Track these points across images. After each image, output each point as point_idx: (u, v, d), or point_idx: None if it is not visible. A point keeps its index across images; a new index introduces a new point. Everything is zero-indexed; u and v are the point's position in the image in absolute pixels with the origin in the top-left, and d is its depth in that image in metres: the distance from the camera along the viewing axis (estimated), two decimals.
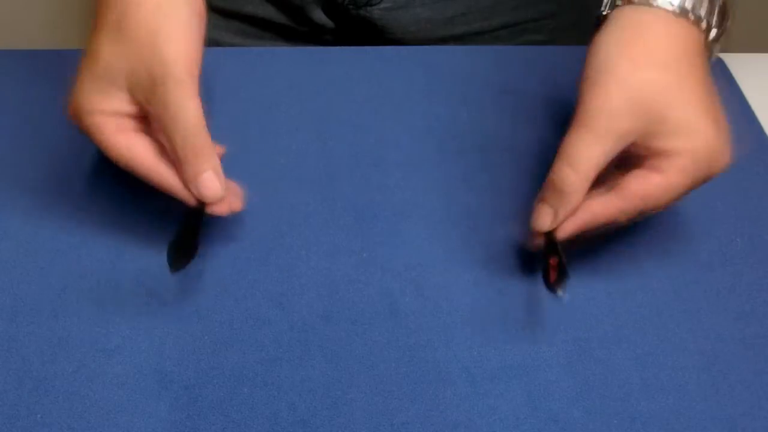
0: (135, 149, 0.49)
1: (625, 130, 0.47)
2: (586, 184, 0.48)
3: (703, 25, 0.50)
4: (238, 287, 0.52)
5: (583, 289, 0.52)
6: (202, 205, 0.50)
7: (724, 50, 0.70)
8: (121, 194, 0.56)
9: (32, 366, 0.47)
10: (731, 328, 0.51)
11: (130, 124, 0.50)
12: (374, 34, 0.74)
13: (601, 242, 0.55)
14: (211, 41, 0.54)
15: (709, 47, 0.51)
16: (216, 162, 0.49)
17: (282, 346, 0.49)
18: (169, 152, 0.49)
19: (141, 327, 0.49)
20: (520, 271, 0.53)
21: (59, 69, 0.65)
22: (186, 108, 0.47)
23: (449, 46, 0.71)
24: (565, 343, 0.50)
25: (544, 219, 0.49)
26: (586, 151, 0.47)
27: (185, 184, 0.49)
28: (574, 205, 0.48)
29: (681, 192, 0.48)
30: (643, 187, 0.48)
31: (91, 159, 0.58)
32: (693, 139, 0.47)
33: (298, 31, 0.76)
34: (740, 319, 0.51)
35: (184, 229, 0.49)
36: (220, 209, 0.50)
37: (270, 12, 0.75)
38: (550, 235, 0.50)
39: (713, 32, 0.51)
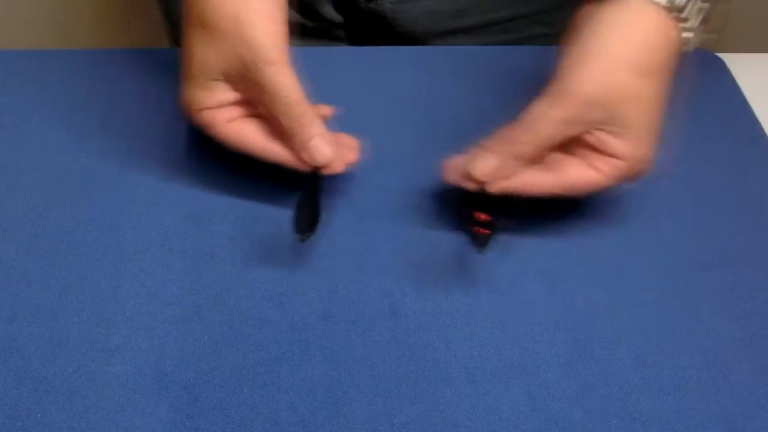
0: (246, 136, 0.53)
1: (592, 119, 0.50)
2: (538, 151, 0.50)
3: (682, 28, 0.51)
4: (238, 287, 0.52)
5: (583, 289, 0.52)
6: (318, 169, 0.52)
7: (725, 50, 0.70)
8: (121, 194, 0.56)
9: (32, 366, 0.47)
10: (731, 328, 0.51)
11: (237, 112, 0.53)
12: (383, 28, 0.74)
13: (601, 242, 0.55)
14: None
15: (682, 46, 0.53)
16: (320, 127, 0.52)
17: (282, 346, 0.49)
18: (276, 128, 0.52)
19: (141, 327, 0.49)
20: (521, 271, 0.53)
21: (59, 69, 0.65)
22: (281, 84, 0.50)
23: (451, 47, 0.72)
24: (565, 343, 0.50)
25: (485, 166, 0.50)
26: (550, 127, 0.49)
27: (296, 153, 0.52)
28: (515, 169, 0.50)
29: (599, 190, 0.52)
30: (579, 180, 0.51)
31: (91, 159, 0.58)
32: (638, 150, 0.50)
33: (307, 27, 0.76)
34: (740, 319, 0.51)
35: (306, 196, 0.51)
36: (335, 168, 0.53)
37: None
38: (482, 189, 0.50)
39: (689, 36, 0.52)
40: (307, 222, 0.50)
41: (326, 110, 0.56)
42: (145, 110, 0.62)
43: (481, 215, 0.50)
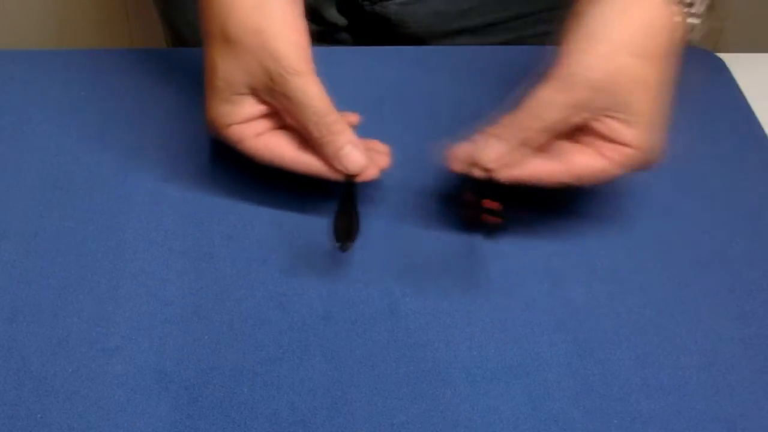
0: (275, 148, 0.52)
1: (599, 105, 0.49)
2: (544, 138, 0.50)
3: (687, 16, 0.51)
4: (238, 287, 0.52)
5: (583, 289, 0.52)
6: (351, 177, 0.51)
7: (725, 50, 0.70)
8: (121, 194, 0.56)
9: (32, 366, 0.47)
10: (731, 328, 0.51)
11: (265, 125, 0.53)
12: (387, 30, 0.74)
13: (601, 242, 0.55)
14: None
15: (685, 38, 0.53)
16: (351, 135, 0.51)
17: (282, 346, 0.49)
18: (306, 138, 0.51)
19: (141, 327, 0.49)
20: (521, 271, 0.53)
21: (59, 69, 0.65)
22: (309, 94, 0.50)
23: (452, 47, 0.72)
24: (565, 343, 0.50)
25: (493, 152, 0.50)
26: (556, 112, 0.49)
27: (328, 163, 0.51)
28: (522, 156, 0.50)
29: (610, 179, 0.51)
30: (587, 168, 0.50)
31: (91, 159, 0.58)
32: (644, 138, 0.50)
33: (311, 31, 0.76)
34: (740, 319, 0.51)
35: (342, 205, 0.51)
36: (369, 175, 0.52)
37: None
38: (491, 176, 0.50)
39: (694, 23, 0.52)
40: (346, 231, 0.50)
41: (353, 118, 0.55)
42: (145, 110, 0.62)
43: (490, 203, 0.49)
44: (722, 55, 0.70)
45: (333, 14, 0.74)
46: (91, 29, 1.40)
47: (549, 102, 0.49)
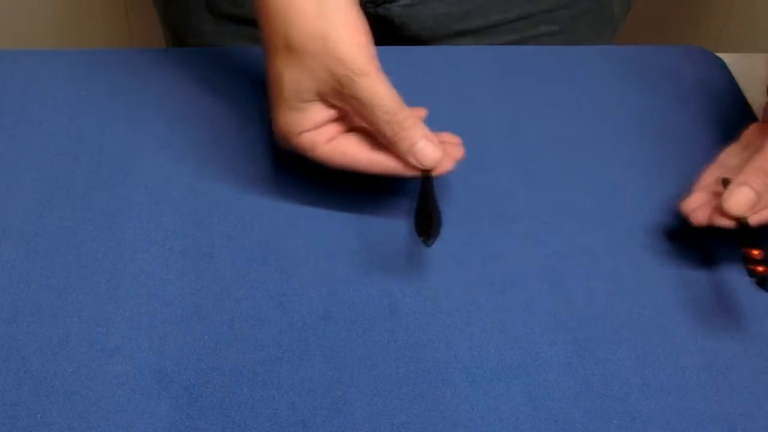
0: (348, 152, 0.52)
1: None
2: None
3: None
4: (238, 287, 0.52)
5: (583, 289, 0.52)
6: (428, 172, 0.52)
7: (725, 50, 0.70)
8: (121, 194, 0.56)
9: (32, 366, 0.47)
10: (731, 328, 0.51)
11: (336, 129, 0.53)
12: (390, 32, 0.74)
13: (601, 242, 0.55)
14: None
15: None
16: (424, 129, 0.51)
17: (282, 346, 0.49)
18: (379, 138, 0.52)
19: (141, 327, 0.49)
20: (521, 270, 0.53)
21: (59, 69, 0.65)
22: (378, 94, 0.50)
23: (450, 47, 0.72)
24: (565, 343, 0.50)
25: (743, 201, 0.49)
26: None
27: (404, 159, 0.51)
28: None
29: None
30: None
31: (92, 159, 0.58)
32: None
33: None
34: (740, 319, 0.51)
35: (422, 200, 0.51)
36: (444, 167, 0.52)
37: None
38: (743, 224, 0.49)
39: None
40: (429, 225, 0.49)
41: (422, 112, 0.56)
42: (145, 110, 0.62)
43: (752, 251, 0.48)
44: (722, 55, 0.70)
45: None
46: (91, 29, 1.40)
47: None
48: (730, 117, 0.65)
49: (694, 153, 0.61)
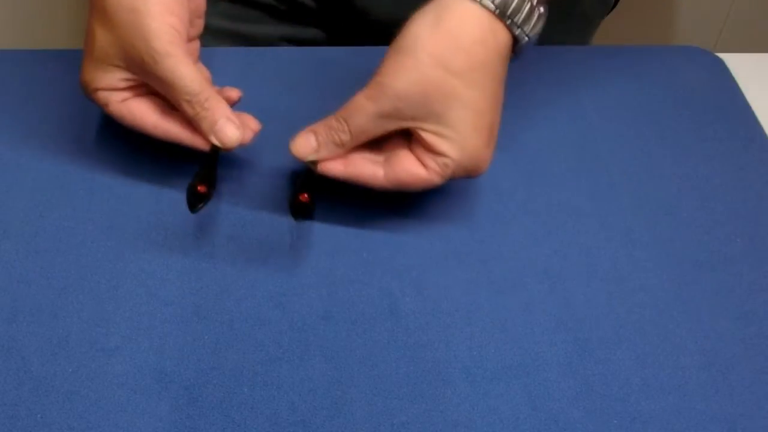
0: (137, 114, 0.53)
1: (409, 115, 0.50)
2: (353, 145, 0.52)
3: (516, 32, 0.51)
4: (238, 287, 0.52)
5: (583, 289, 0.52)
6: (214, 151, 0.53)
7: (725, 50, 0.70)
8: (121, 194, 0.56)
9: (32, 366, 0.47)
10: (731, 328, 0.51)
11: (134, 92, 0.54)
12: (353, 15, 0.74)
13: (601, 242, 0.55)
14: None
15: (514, 51, 0.53)
16: (227, 110, 0.53)
17: (282, 346, 0.49)
18: (184, 115, 0.53)
19: (141, 327, 0.49)
20: (521, 270, 0.53)
21: (59, 69, 0.65)
22: (180, 74, 0.51)
23: None
24: (565, 343, 0.50)
25: (306, 148, 0.53)
26: (364, 121, 0.51)
27: (205, 137, 0.53)
28: (334, 153, 0.52)
29: (432, 187, 0.52)
30: (407, 176, 0.51)
31: (91, 159, 0.58)
32: (459, 149, 0.50)
33: (279, 10, 0.76)
34: (740, 319, 0.51)
35: (201, 171, 0.52)
36: (244, 139, 0.54)
37: None
38: (310, 171, 0.52)
39: (524, 40, 0.52)
40: (200, 197, 0.51)
41: (233, 93, 0.57)
42: None
43: (302, 195, 0.52)
44: (722, 55, 0.70)
45: None
46: None
47: (359, 109, 0.51)
48: (730, 117, 0.65)
49: (694, 153, 0.61)
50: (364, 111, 0.51)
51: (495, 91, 0.51)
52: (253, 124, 0.55)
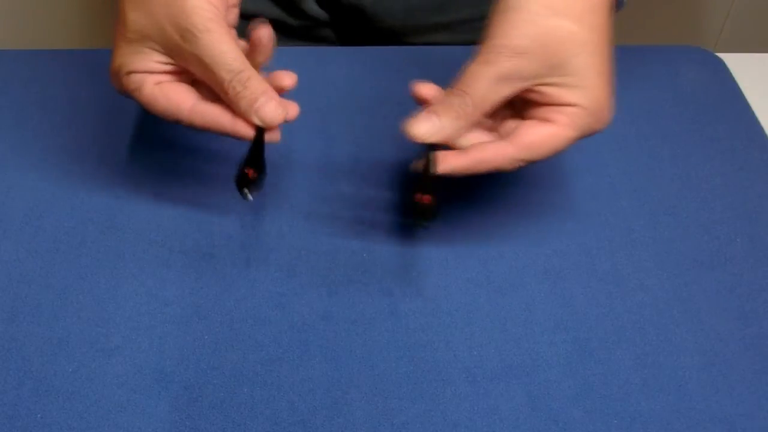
0: (173, 95, 0.50)
1: (527, 71, 0.47)
2: (479, 116, 0.48)
3: None
4: (238, 287, 0.52)
5: (583, 289, 0.52)
6: (260, 134, 0.50)
7: (725, 50, 0.70)
8: (121, 194, 0.56)
9: (32, 366, 0.47)
10: (731, 328, 0.51)
11: (168, 78, 0.51)
12: (364, 23, 0.74)
13: (601, 242, 0.55)
14: None
15: (614, 5, 0.51)
16: (266, 86, 0.49)
17: (282, 346, 0.49)
18: (221, 96, 0.49)
19: (141, 327, 0.49)
20: (521, 270, 0.53)
21: (59, 69, 0.65)
22: (221, 51, 0.48)
23: (448, 47, 0.71)
24: (565, 343, 0.50)
25: (426, 126, 0.49)
26: (485, 87, 0.48)
27: (245, 117, 0.49)
28: (457, 130, 0.49)
29: (567, 144, 0.49)
30: (539, 138, 0.48)
31: (91, 159, 0.58)
32: (587, 95, 0.48)
33: (292, 26, 0.76)
34: (740, 319, 0.51)
35: (249, 154, 0.49)
36: (275, 136, 0.51)
37: (264, 7, 0.75)
38: (427, 172, 0.49)
39: None
40: (253, 183, 0.48)
41: (287, 79, 0.53)
42: (145, 110, 0.62)
43: (424, 197, 0.48)
44: (722, 55, 0.70)
45: (312, 7, 0.74)
46: (91, 29, 1.40)
47: (477, 75, 0.48)
48: (730, 117, 0.65)
49: (694, 153, 0.61)
50: (484, 76, 0.47)
51: (606, 37, 0.49)
52: (292, 107, 0.52)
